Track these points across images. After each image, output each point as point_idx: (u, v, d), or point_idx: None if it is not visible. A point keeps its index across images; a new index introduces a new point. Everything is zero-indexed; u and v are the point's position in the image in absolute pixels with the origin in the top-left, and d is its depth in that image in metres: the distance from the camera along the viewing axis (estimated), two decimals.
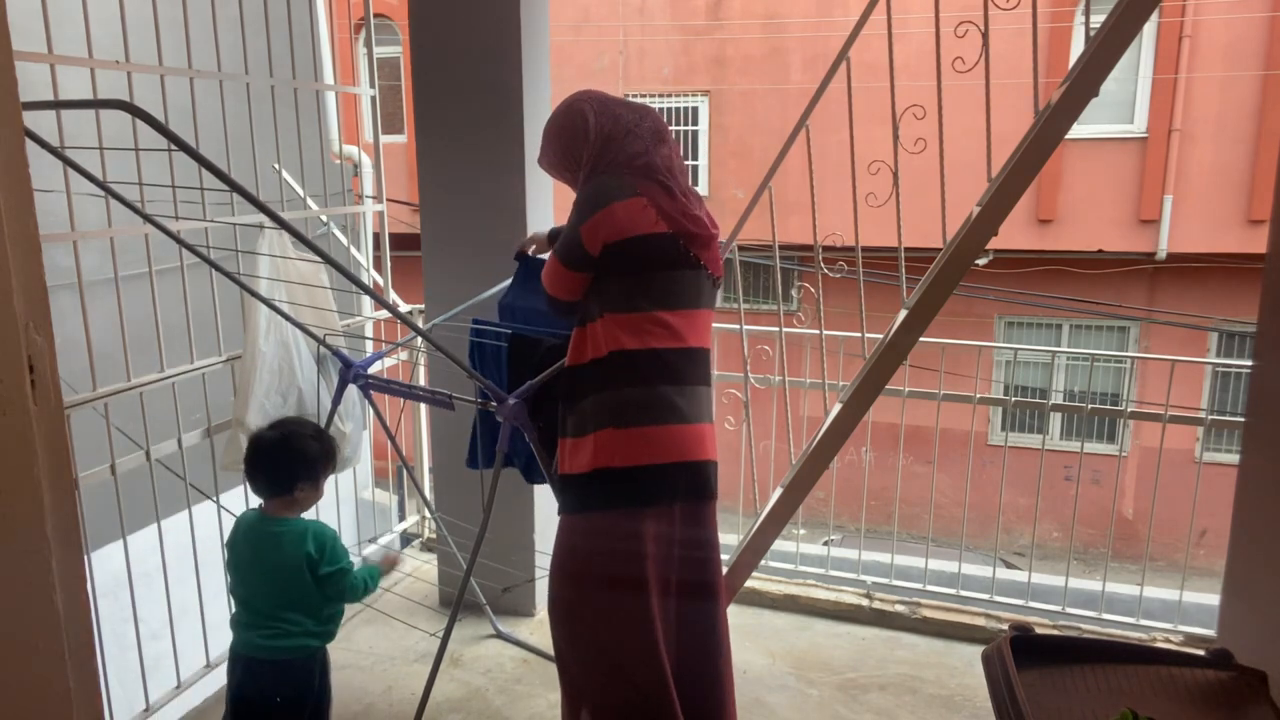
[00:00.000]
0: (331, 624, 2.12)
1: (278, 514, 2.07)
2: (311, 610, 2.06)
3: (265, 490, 2.08)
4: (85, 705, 0.84)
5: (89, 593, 0.87)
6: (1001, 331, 9.53)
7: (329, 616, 2.10)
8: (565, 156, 2.02)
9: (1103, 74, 2.21)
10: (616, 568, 1.90)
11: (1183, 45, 8.36)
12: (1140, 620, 3.11)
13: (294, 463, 2.06)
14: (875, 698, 2.76)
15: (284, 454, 2.06)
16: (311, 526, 2.07)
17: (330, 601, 2.09)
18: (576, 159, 1.99)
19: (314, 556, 2.02)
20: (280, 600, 2.03)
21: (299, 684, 2.07)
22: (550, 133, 2.04)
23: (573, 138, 1.98)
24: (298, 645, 2.05)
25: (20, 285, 0.76)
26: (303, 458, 2.07)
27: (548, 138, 2.05)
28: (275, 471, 2.06)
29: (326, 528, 2.10)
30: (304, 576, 2.02)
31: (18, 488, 0.77)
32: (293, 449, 2.07)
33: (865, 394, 2.64)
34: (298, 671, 2.07)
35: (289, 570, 2.02)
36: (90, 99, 1.91)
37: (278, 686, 2.05)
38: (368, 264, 3.88)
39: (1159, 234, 8.63)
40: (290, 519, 2.07)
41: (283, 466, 2.05)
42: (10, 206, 0.74)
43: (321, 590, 2.05)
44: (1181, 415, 3.08)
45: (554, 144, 2.03)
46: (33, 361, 0.77)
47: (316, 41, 4.10)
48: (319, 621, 2.08)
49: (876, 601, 3.22)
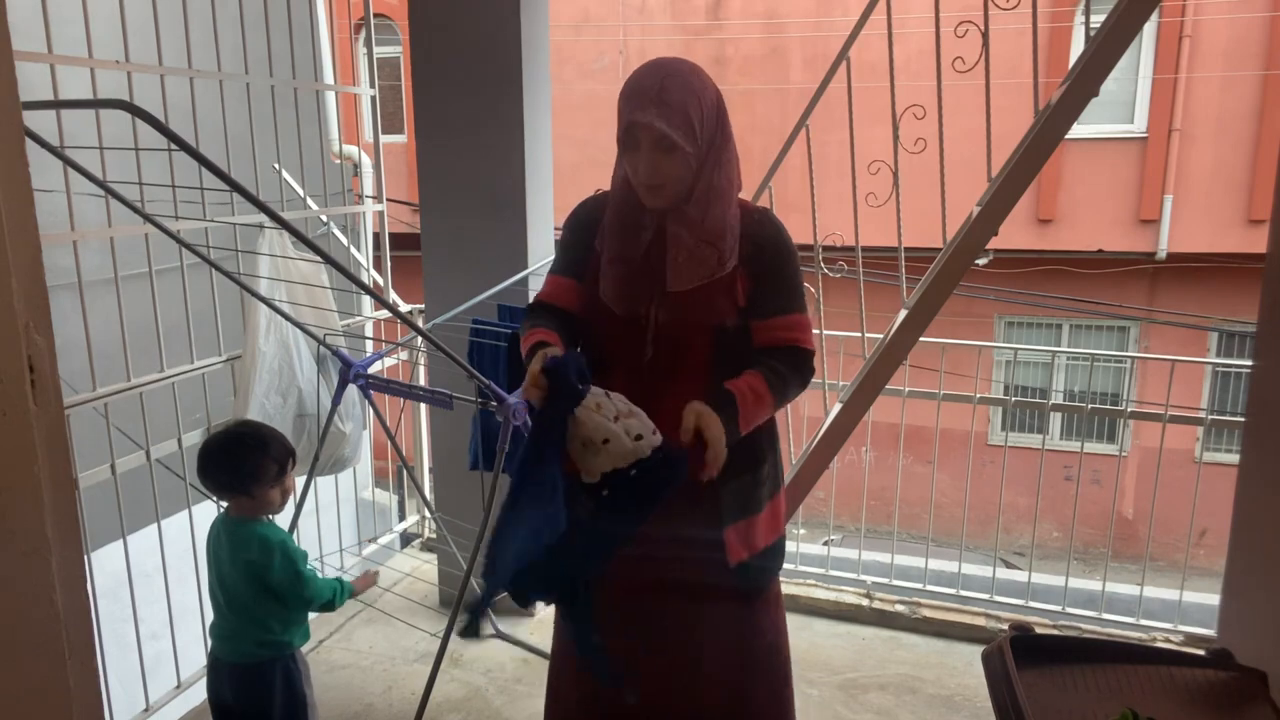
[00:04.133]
0: (286, 633, 2.04)
1: (239, 514, 2.01)
2: (257, 617, 1.99)
3: (216, 492, 2.01)
4: (85, 705, 0.84)
5: (89, 593, 0.87)
6: (1001, 331, 9.52)
7: (283, 625, 2.02)
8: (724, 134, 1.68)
9: (1103, 74, 2.22)
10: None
11: (1183, 45, 8.35)
12: (1140, 620, 3.11)
13: (242, 469, 1.95)
14: (875, 698, 2.76)
15: (224, 458, 1.97)
16: (259, 531, 1.98)
17: (289, 609, 2.01)
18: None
19: (256, 562, 1.95)
20: (230, 603, 2.00)
21: (259, 689, 2.02)
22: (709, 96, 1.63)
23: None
24: (249, 651, 2.01)
25: (20, 285, 0.75)
26: (248, 461, 1.96)
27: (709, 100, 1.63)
28: (220, 475, 1.98)
29: (274, 533, 2.00)
30: (251, 582, 1.96)
31: (18, 488, 0.77)
32: (240, 453, 1.97)
33: (865, 394, 2.65)
34: (256, 677, 2.02)
35: (237, 573, 1.97)
36: (90, 99, 1.91)
37: (237, 690, 2.03)
38: (368, 264, 3.89)
39: (1159, 234, 8.62)
40: (247, 521, 1.99)
41: (233, 470, 1.96)
42: (10, 206, 0.74)
43: (278, 597, 1.98)
44: (1181, 415, 3.08)
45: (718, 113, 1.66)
46: (33, 362, 0.77)
47: (316, 41, 4.10)
48: (269, 630, 2.01)
49: (876, 601, 3.22)
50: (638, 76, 1.61)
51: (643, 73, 1.61)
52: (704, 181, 1.64)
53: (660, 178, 1.60)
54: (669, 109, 1.56)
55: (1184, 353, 6.39)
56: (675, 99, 1.57)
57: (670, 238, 1.66)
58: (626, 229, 1.69)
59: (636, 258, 1.68)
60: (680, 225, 1.65)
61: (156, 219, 2.33)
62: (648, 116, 1.56)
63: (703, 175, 1.64)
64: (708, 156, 1.63)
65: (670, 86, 1.58)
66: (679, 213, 1.65)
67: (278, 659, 2.04)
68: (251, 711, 2.03)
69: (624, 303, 1.69)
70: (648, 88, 1.58)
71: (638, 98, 1.58)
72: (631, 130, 1.59)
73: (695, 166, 1.62)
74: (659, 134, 1.56)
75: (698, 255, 1.65)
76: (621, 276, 1.69)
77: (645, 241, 1.68)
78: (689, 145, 1.59)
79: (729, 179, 1.67)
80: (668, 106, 1.56)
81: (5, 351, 0.75)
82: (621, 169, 1.68)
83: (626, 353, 1.70)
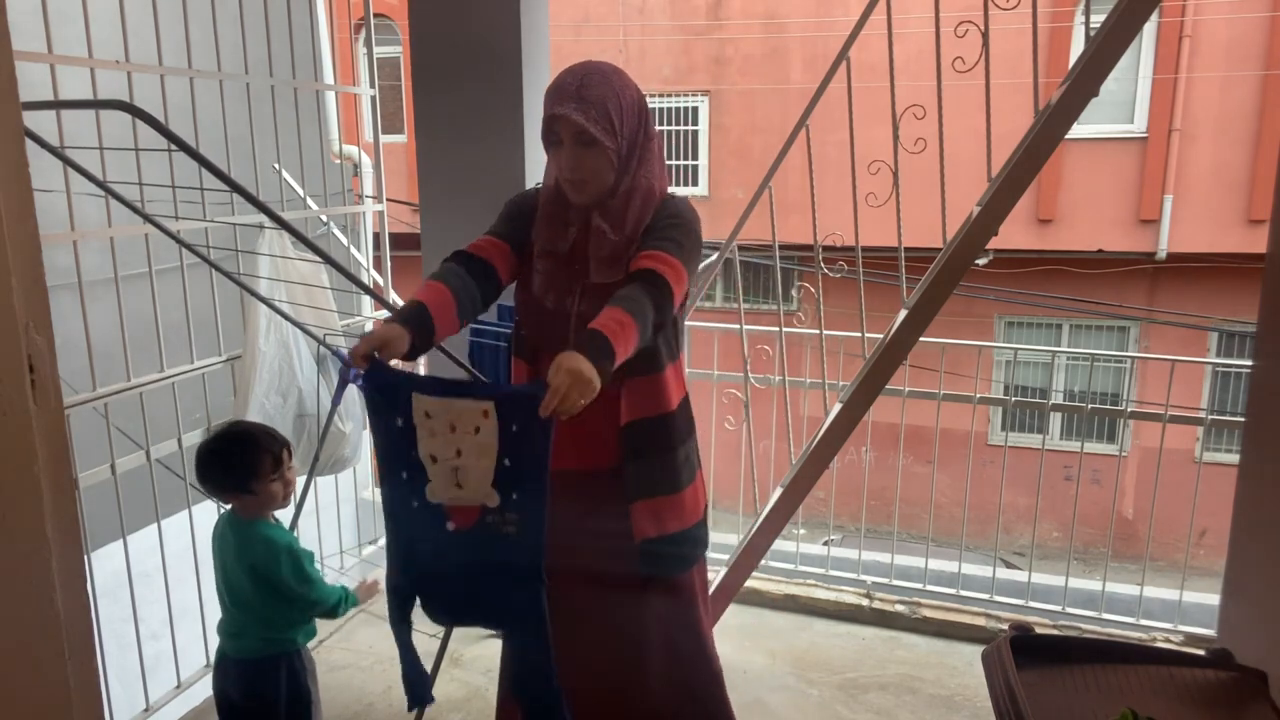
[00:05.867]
0: (291, 631, 2.05)
1: (243, 514, 2.01)
2: (263, 616, 2.00)
3: (218, 494, 2.01)
4: (85, 705, 0.84)
5: (89, 593, 0.87)
6: (1001, 331, 9.52)
7: (288, 623, 2.04)
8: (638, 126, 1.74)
9: (1103, 74, 2.21)
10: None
11: (1183, 45, 8.36)
12: (1140, 620, 3.11)
13: (239, 468, 1.95)
14: (875, 697, 2.76)
15: (218, 458, 1.97)
16: (266, 532, 1.98)
17: (295, 610, 2.02)
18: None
19: (262, 564, 1.95)
20: (235, 601, 2.01)
21: (265, 684, 2.02)
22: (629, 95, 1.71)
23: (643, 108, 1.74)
24: (255, 646, 2.02)
25: (20, 285, 0.76)
26: (244, 459, 1.96)
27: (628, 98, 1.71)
28: (217, 476, 1.98)
29: (281, 536, 2.00)
30: (257, 582, 1.97)
31: (18, 488, 0.77)
32: (234, 453, 1.97)
33: (865, 394, 2.64)
34: (262, 672, 2.03)
35: (243, 573, 1.97)
36: (90, 99, 1.91)
37: (243, 685, 2.04)
38: (368, 264, 3.89)
39: (1159, 234, 8.62)
40: (253, 522, 2.00)
41: (229, 470, 1.96)
42: (10, 206, 0.74)
43: (284, 598, 1.99)
44: (1181, 415, 3.08)
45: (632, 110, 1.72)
46: (33, 361, 0.77)
47: (316, 41, 4.09)
48: (274, 628, 2.02)
49: (876, 601, 3.22)
50: (560, 76, 1.69)
51: (565, 73, 1.69)
52: (628, 179, 1.71)
53: (583, 172, 1.67)
54: (588, 104, 1.63)
55: (1184, 353, 6.40)
56: (594, 95, 1.64)
57: (593, 231, 1.72)
58: (554, 224, 1.76)
59: (563, 252, 1.75)
60: (603, 219, 1.71)
61: (156, 219, 2.33)
62: (566, 109, 1.62)
63: (626, 172, 1.70)
64: (629, 153, 1.70)
65: (590, 84, 1.65)
66: (603, 208, 1.72)
67: (283, 655, 2.04)
68: (257, 706, 2.03)
69: (551, 294, 1.75)
70: (567, 84, 1.66)
71: (558, 93, 1.66)
72: (552, 125, 1.67)
73: (617, 163, 1.68)
74: (578, 128, 1.63)
75: (618, 251, 1.71)
76: (548, 270, 1.76)
77: (571, 236, 1.75)
78: (609, 141, 1.65)
79: (651, 176, 1.74)
80: (587, 102, 1.63)
81: (5, 351, 0.75)
82: (552, 169, 1.75)
83: (551, 342, 1.73)
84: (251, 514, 1.99)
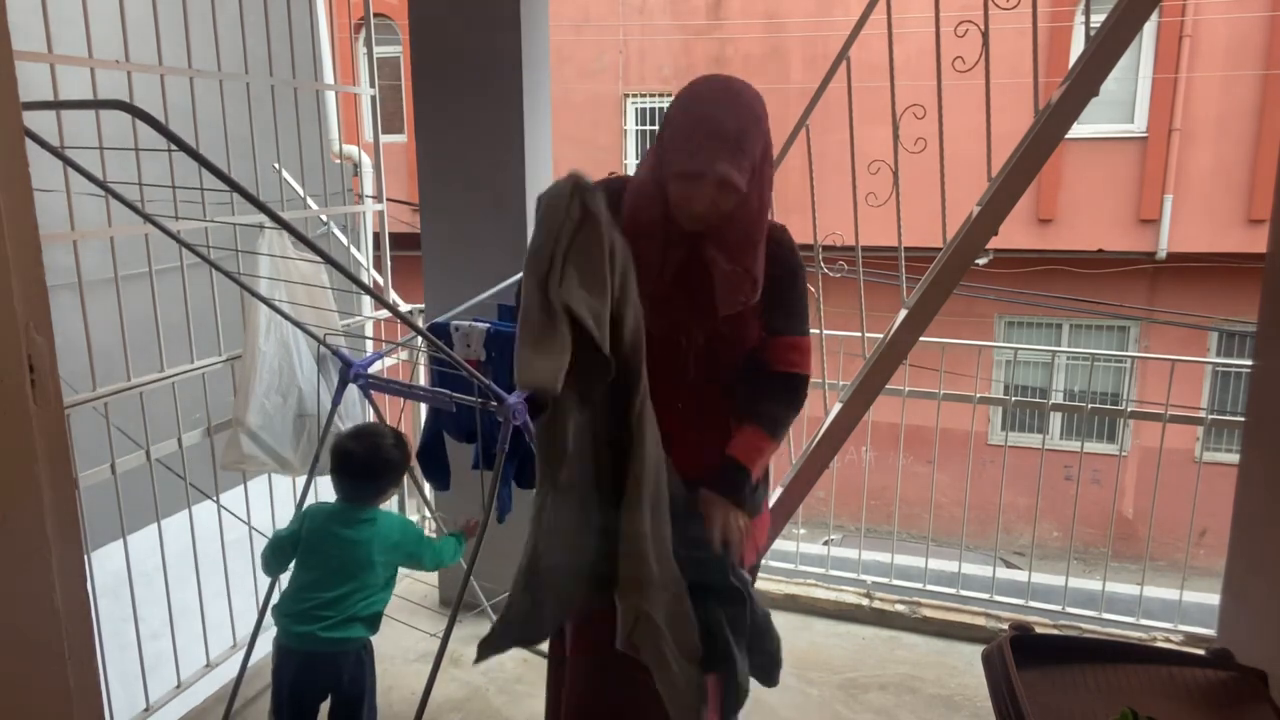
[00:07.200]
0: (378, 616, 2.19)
1: (370, 504, 2.17)
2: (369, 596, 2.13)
3: (353, 495, 2.15)
4: (85, 705, 0.84)
5: (89, 593, 0.87)
6: (1001, 331, 9.52)
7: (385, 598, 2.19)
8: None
9: (1103, 74, 2.22)
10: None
11: (1183, 45, 8.36)
12: (1140, 620, 3.11)
13: (382, 475, 2.16)
14: (875, 697, 2.76)
15: (375, 465, 2.14)
16: (391, 517, 2.20)
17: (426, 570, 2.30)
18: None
19: (399, 543, 2.14)
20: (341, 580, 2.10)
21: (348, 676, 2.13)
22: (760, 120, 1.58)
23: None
24: (352, 636, 2.12)
25: (20, 285, 0.75)
26: (390, 468, 2.17)
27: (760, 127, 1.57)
28: (366, 480, 2.15)
29: (399, 517, 2.30)
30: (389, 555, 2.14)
31: (18, 488, 0.77)
32: (381, 460, 2.15)
33: (865, 394, 2.65)
34: (350, 663, 2.14)
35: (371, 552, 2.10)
36: (90, 99, 1.91)
37: (331, 679, 2.12)
38: (368, 264, 3.88)
39: (1159, 234, 8.62)
40: (373, 509, 2.17)
41: (373, 477, 2.15)
42: (10, 206, 0.74)
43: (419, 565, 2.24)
44: (1181, 415, 3.08)
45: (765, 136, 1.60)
46: (33, 361, 0.77)
47: (316, 41, 4.09)
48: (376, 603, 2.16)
49: (876, 601, 3.22)
50: (716, 115, 1.52)
51: (722, 112, 1.52)
52: (747, 206, 1.58)
53: (715, 216, 1.56)
54: (742, 156, 1.52)
55: (1184, 353, 6.39)
56: (750, 146, 1.52)
57: (710, 262, 1.60)
58: (653, 242, 1.60)
59: (667, 278, 1.62)
60: (718, 250, 1.59)
61: (156, 219, 2.33)
62: (725, 169, 1.50)
63: (747, 200, 1.58)
64: (751, 178, 1.56)
65: (747, 134, 1.52)
66: (717, 236, 1.59)
67: (360, 647, 2.16)
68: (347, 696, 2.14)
69: (658, 321, 1.55)
70: (729, 133, 1.50)
71: (717, 141, 1.50)
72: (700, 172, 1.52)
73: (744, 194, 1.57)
74: (732, 184, 1.52)
75: (734, 279, 1.60)
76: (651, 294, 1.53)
77: (675, 261, 1.61)
78: (746, 184, 1.55)
79: (765, 201, 1.63)
80: (743, 154, 1.51)
81: (5, 351, 0.75)
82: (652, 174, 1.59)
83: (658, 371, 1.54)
84: (369, 503, 2.17)
